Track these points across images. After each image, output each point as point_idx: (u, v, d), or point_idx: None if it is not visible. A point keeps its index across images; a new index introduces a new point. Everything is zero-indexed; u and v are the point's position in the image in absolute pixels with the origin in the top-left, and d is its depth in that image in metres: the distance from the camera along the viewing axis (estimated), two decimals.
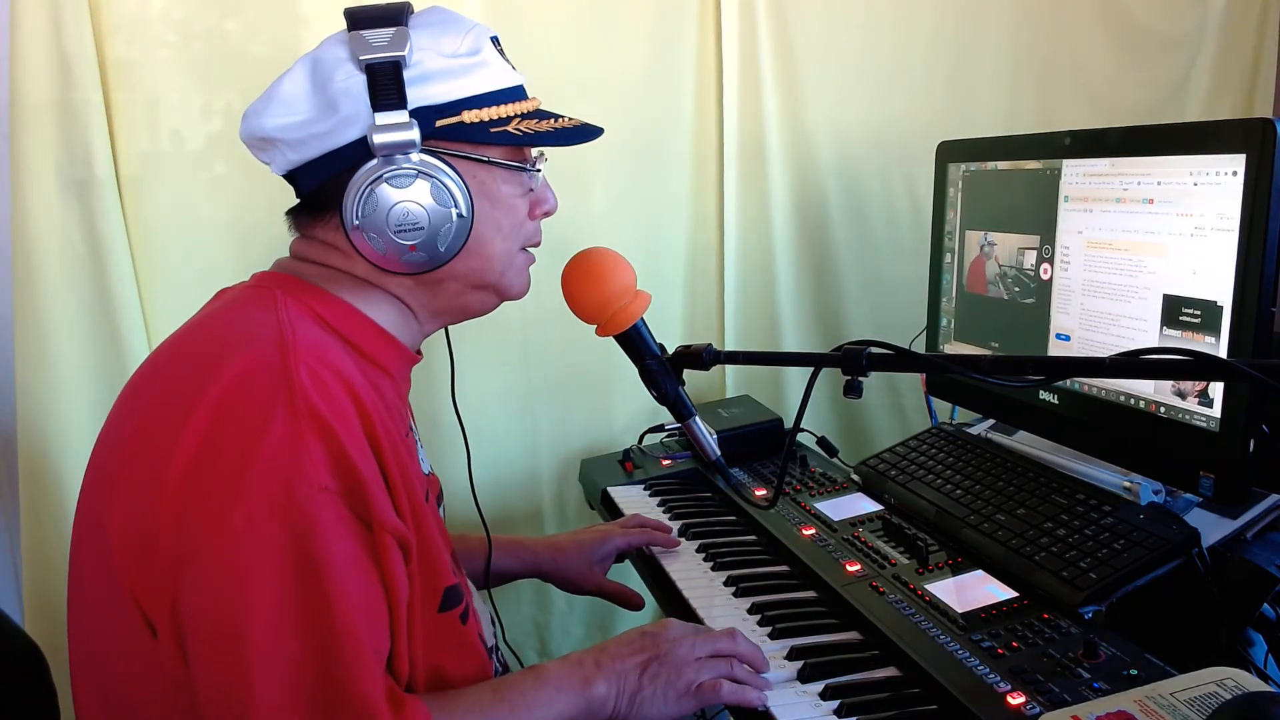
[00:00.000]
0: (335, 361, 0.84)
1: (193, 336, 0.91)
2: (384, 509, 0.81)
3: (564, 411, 1.87)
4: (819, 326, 1.98)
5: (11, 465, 1.54)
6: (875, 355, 0.93)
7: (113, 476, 0.85)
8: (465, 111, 0.90)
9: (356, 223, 0.88)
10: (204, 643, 0.76)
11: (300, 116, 0.88)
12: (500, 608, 1.85)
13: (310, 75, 0.89)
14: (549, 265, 1.09)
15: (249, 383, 0.79)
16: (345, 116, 0.87)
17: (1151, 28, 1.89)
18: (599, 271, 1.03)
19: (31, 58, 1.42)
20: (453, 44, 0.90)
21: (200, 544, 0.76)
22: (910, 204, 1.92)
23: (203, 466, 0.77)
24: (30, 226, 1.46)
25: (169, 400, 0.83)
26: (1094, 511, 1.17)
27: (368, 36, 0.86)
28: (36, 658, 1.03)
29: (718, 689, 0.96)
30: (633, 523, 1.40)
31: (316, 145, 0.88)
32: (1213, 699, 0.83)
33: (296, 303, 0.89)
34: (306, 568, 0.76)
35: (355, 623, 0.77)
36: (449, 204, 0.89)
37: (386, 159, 0.86)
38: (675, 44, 1.80)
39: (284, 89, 0.89)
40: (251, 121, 0.91)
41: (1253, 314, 1.03)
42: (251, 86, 0.93)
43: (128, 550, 0.80)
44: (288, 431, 0.77)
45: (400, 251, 0.89)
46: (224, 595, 0.75)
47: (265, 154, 0.92)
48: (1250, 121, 1.03)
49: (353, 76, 0.86)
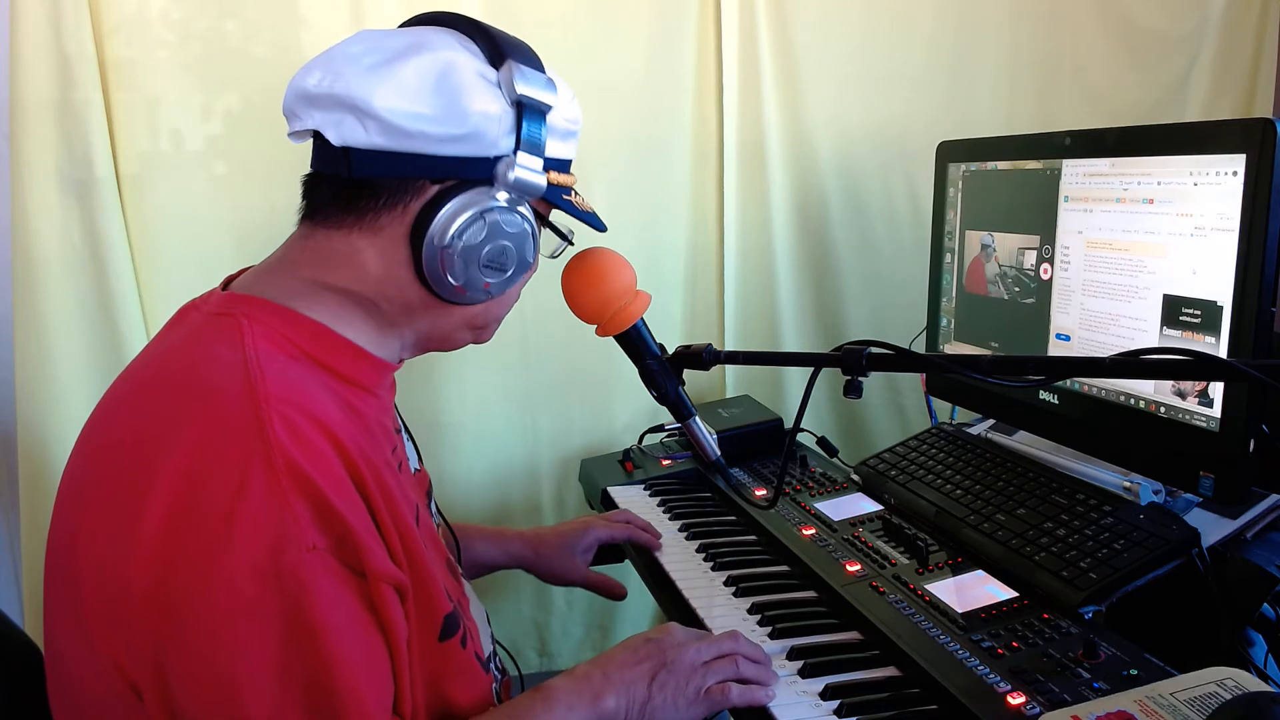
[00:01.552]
0: (309, 403, 0.79)
1: (158, 374, 0.85)
2: (378, 558, 0.77)
3: (564, 411, 1.87)
4: (819, 326, 1.98)
5: (11, 465, 1.55)
6: (875, 355, 0.93)
7: (79, 528, 0.80)
8: (551, 172, 0.90)
9: (446, 243, 0.85)
10: (200, 718, 0.73)
11: (418, 108, 0.82)
12: (500, 608, 1.87)
13: (441, 75, 0.83)
14: (549, 265, 1.09)
15: (221, 439, 0.74)
16: (470, 134, 0.84)
17: (1151, 28, 1.89)
18: (599, 272, 1.03)
19: (31, 58, 1.42)
20: (573, 109, 0.93)
21: (184, 621, 0.72)
22: (910, 204, 1.92)
23: (180, 533, 0.72)
24: (30, 226, 1.46)
25: (134, 452, 0.77)
26: (1094, 511, 1.17)
27: (526, 72, 0.86)
28: (36, 658, 1.02)
29: (727, 693, 0.95)
30: (617, 517, 1.41)
31: (417, 143, 0.83)
32: (1213, 699, 0.83)
33: (265, 330, 0.83)
34: (303, 635, 0.73)
35: (359, 683, 0.75)
36: (530, 256, 0.90)
37: (510, 197, 0.87)
38: (675, 44, 1.80)
39: (409, 72, 0.83)
40: (356, 85, 0.82)
41: (1253, 314, 1.03)
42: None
43: (103, 616, 0.76)
44: (267, 491, 0.72)
45: (475, 284, 0.88)
46: (216, 672, 0.72)
47: (335, 116, 0.83)
48: (1250, 121, 1.03)
49: (498, 102, 0.85)
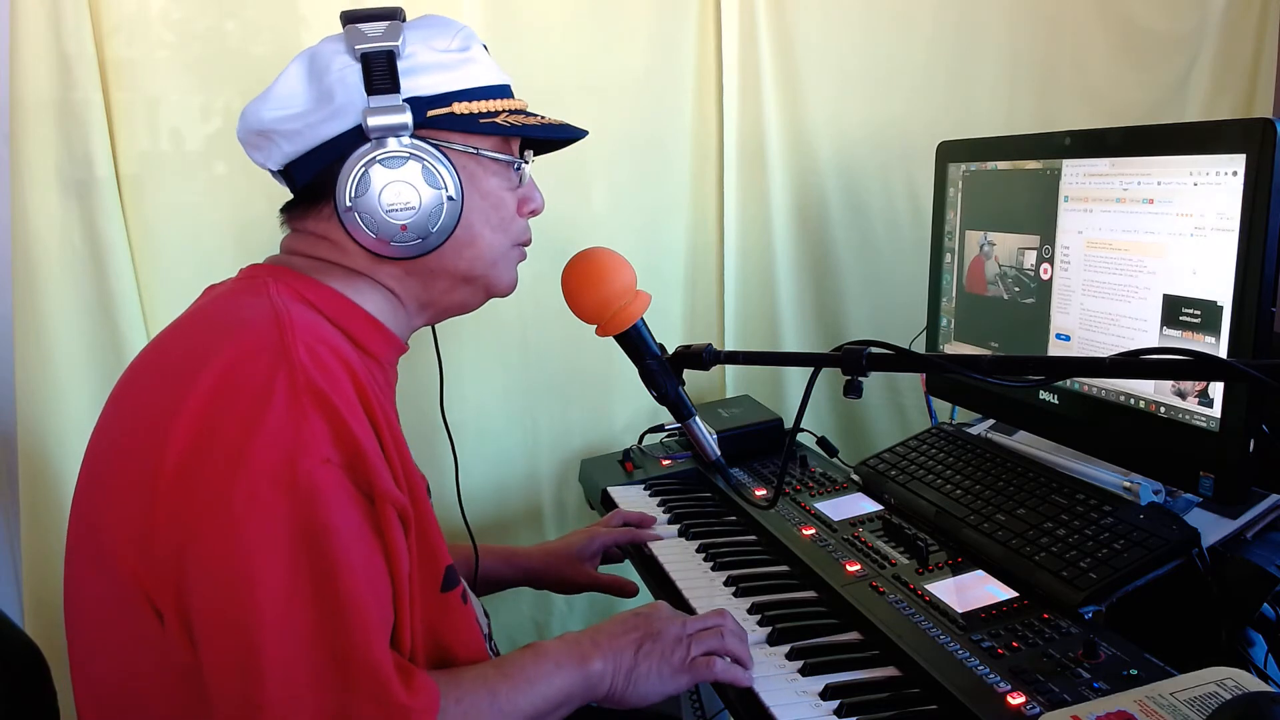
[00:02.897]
0: (329, 339, 0.86)
1: (184, 328, 0.91)
2: (385, 480, 0.82)
3: (564, 412, 1.87)
4: (819, 326, 1.98)
5: (11, 465, 1.54)
6: (875, 355, 0.93)
7: (106, 476, 0.85)
8: (455, 104, 0.93)
9: (349, 204, 0.90)
10: (212, 625, 0.76)
11: (297, 108, 0.91)
12: (500, 608, 1.87)
13: (307, 69, 0.92)
14: (549, 265, 1.09)
15: (247, 362, 0.79)
16: (340, 105, 0.90)
17: (1151, 28, 1.89)
18: (599, 272, 1.03)
19: (31, 58, 1.42)
20: (444, 41, 0.94)
21: (203, 523, 0.76)
22: (910, 204, 1.92)
23: (201, 447, 0.77)
24: (30, 226, 1.46)
25: (161, 388, 0.83)
26: (1094, 511, 1.17)
27: (363, 29, 0.90)
28: (36, 658, 1.03)
29: (711, 665, 0.99)
30: (615, 520, 1.44)
31: (312, 135, 0.91)
32: (1213, 699, 0.83)
33: (288, 289, 0.90)
34: (313, 539, 0.76)
35: (363, 593, 0.78)
36: (439, 186, 0.92)
37: (379, 142, 0.90)
38: (675, 44, 1.80)
39: (281, 84, 0.92)
40: (250, 116, 0.93)
41: (1253, 314, 1.03)
42: (251, 87, 0.94)
43: (128, 543, 0.80)
44: (289, 406, 0.77)
45: (392, 232, 0.91)
46: (230, 573, 0.75)
47: (261, 151, 0.94)
48: (1250, 121, 1.03)
49: (349, 67, 0.90)
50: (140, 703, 0.84)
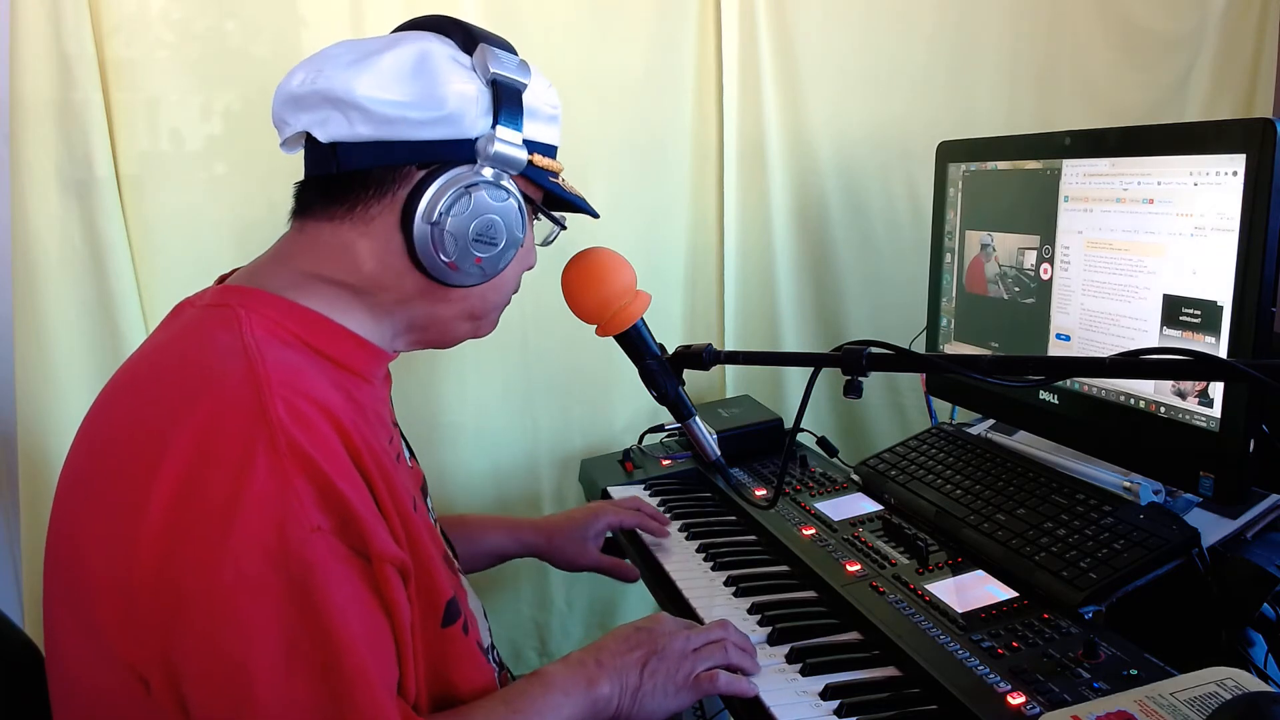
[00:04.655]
0: (309, 387, 0.81)
1: (157, 365, 0.87)
2: (381, 539, 0.79)
3: (564, 411, 1.87)
4: (819, 326, 1.98)
5: (11, 465, 1.54)
6: (875, 355, 0.93)
7: (82, 513, 0.82)
8: (535, 154, 0.93)
9: (436, 219, 0.87)
10: (208, 704, 0.74)
11: (397, 96, 0.85)
12: (500, 608, 1.87)
13: (418, 62, 0.87)
14: (549, 265, 1.09)
15: (224, 423, 0.76)
16: (448, 115, 0.87)
17: (1151, 28, 1.89)
18: (599, 272, 1.03)
19: (31, 58, 1.42)
20: (550, 96, 0.96)
21: (191, 603, 0.73)
22: (910, 204, 1.92)
23: (183, 517, 0.73)
24: (30, 226, 1.46)
25: (136, 439, 0.79)
26: (1094, 511, 1.17)
27: (499, 55, 0.89)
28: (36, 658, 1.02)
29: (715, 679, 0.99)
30: (629, 503, 1.43)
31: (400, 129, 0.86)
32: (1213, 699, 0.83)
33: (261, 319, 0.85)
34: (309, 614, 0.74)
35: (365, 662, 0.75)
36: (519, 230, 0.92)
37: (479, 169, 0.89)
38: (675, 44, 1.80)
39: (387, 61, 0.86)
40: (338, 79, 0.85)
41: (1253, 314, 1.03)
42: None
43: (108, 608, 0.77)
44: (272, 473, 0.74)
45: (467, 260, 0.90)
46: (224, 654, 0.73)
47: (318, 115, 0.86)
48: (1250, 121, 1.03)
49: (473, 83, 0.88)
50: None
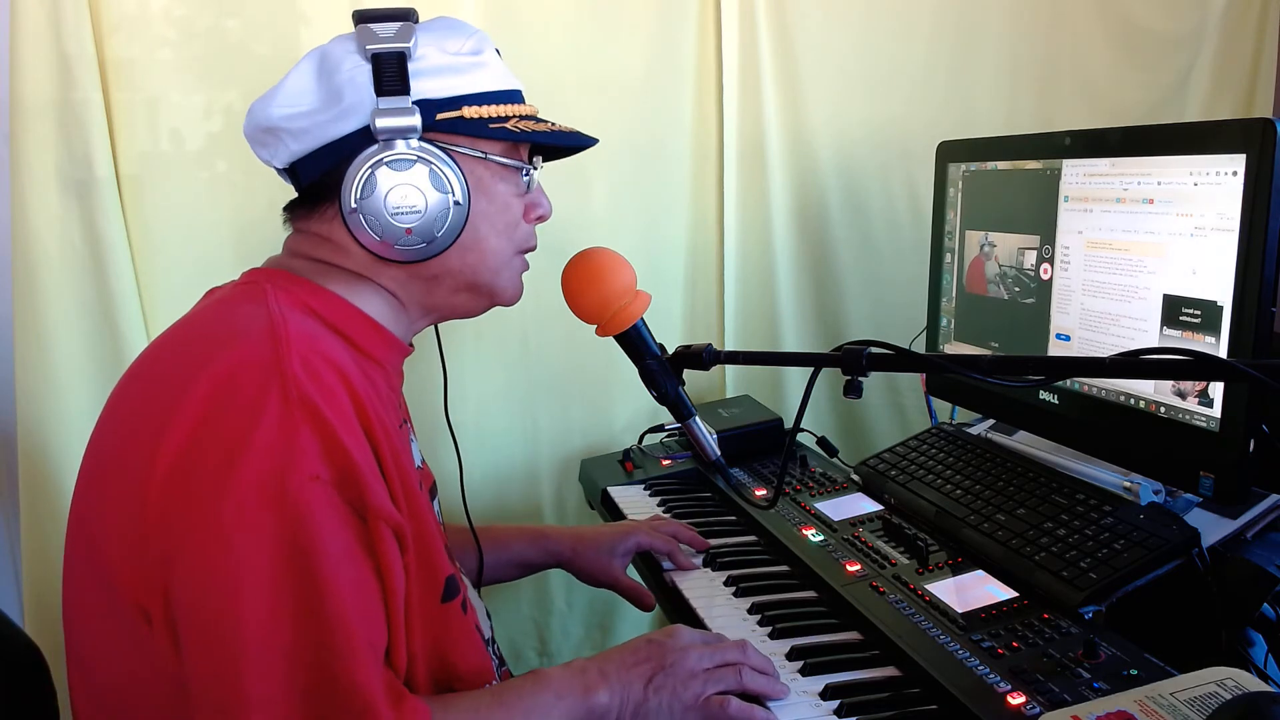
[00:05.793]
0: (328, 351, 0.84)
1: (182, 334, 0.91)
2: (379, 497, 0.80)
3: (564, 411, 1.87)
4: (819, 326, 1.98)
5: (11, 465, 1.54)
6: (875, 355, 0.93)
7: (101, 482, 0.85)
8: (465, 107, 0.93)
9: (354, 205, 0.89)
10: (195, 633, 0.76)
11: (305, 107, 0.90)
12: (500, 607, 1.87)
13: (317, 67, 0.91)
14: (549, 265, 1.09)
15: (241, 374, 0.79)
16: (349, 105, 0.89)
17: (1151, 28, 1.89)
18: (599, 271, 1.03)
19: (31, 58, 1.42)
20: (456, 44, 0.93)
21: (190, 534, 0.76)
22: (910, 204, 1.92)
23: (192, 457, 0.76)
24: (30, 226, 1.46)
25: (156, 396, 0.83)
26: (1094, 511, 1.17)
27: (375, 29, 0.89)
28: (36, 658, 1.03)
29: (725, 705, 0.92)
30: (664, 528, 1.35)
31: (319, 134, 0.90)
32: (1213, 699, 0.83)
33: (287, 295, 0.89)
34: (299, 557, 0.75)
35: (349, 614, 0.77)
36: (446, 190, 0.91)
37: (387, 144, 0.89)
38: (675, 44, 1.80)
39: (290, 81, 0.91)
40: (257, 113, 0.92)
41: (1253, 314, 1.03)
42: (252, 86, 0.94)
43: (119, 547, 0.80)
44: (280, 421, 0.76)
45: (396, 235, 0.90)
46: (215, 585, 0.75)
47: (268, 149, 0.93)
48: (1250, 121, 1.03)
49: (359, 67, 0.89)
50: (134, 706, 0.84)
